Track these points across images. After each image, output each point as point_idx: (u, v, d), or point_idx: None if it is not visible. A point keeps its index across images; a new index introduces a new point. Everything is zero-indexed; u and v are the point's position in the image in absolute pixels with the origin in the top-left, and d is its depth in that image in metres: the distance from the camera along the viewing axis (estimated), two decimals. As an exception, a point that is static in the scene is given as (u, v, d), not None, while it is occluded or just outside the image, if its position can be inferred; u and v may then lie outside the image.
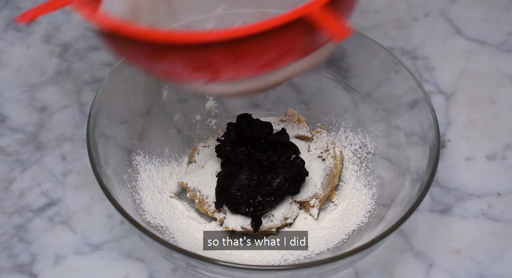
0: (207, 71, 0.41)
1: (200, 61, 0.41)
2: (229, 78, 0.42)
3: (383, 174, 0.67)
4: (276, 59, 0.41)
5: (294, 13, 0.38)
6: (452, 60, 0.82)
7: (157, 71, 0.44)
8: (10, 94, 0.78)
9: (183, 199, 0.68)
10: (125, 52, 0.42)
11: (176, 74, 0.43)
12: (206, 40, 0.38)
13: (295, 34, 0.40)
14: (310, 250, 0.63)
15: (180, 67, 0.42)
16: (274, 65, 0.42)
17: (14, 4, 0.87)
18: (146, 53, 0.41)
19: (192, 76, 0.43)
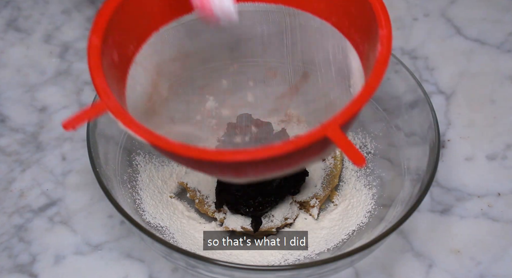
0: (234, 174, 0.48)
1: (229, 170, 0.47)
2: (251, 177, 0.49)
3: (383, 174, 0.67)
4: (295, 163, 0.48)
5: (316, 134, 0.44)
6: (452, 60, 0.82)
7: (188, 167, 0.51)
8: (10, 94, 0.78)
9: (183, 199, 0.68)
10: (162, 152, 0.48)
11: (207, 172, 0.50)
12: (237, 159, 0.44)
13: (314, 149, 0.46)
14: (310, 250, 0.63)
15: (211, 171, 0.49)
16: (293, 167, 0.48)
17: (14, 4, 0.87)
18: (183, 161, 0.48)
19: (220, 176, 0.52)
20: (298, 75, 0.58)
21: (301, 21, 0.56)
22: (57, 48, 0.83)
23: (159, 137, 0.45)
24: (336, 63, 0.55)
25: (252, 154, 0.43)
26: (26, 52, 0.82)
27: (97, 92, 0.46)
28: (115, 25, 0.49)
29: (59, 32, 0.84)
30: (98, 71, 0.47)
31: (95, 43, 0.48)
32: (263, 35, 0.57)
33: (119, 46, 0.50)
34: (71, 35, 0.84)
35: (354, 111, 0.45)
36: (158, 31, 0.53)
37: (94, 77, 0.47)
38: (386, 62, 0.46)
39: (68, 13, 0.86)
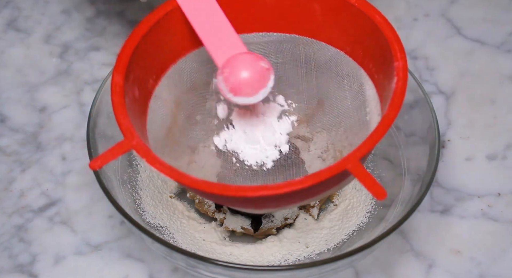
0: (255, 207, 0.51)
1: (251, 203, 0.49)
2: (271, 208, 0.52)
3: (383, 174, 0.67)
4: (314, 195, 0.49)
5: (337, 168, 0.45)
6: (452, 60, 0.82)
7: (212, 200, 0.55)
8: (10, 94, 0.78)
9: (183, 199, 0.68)
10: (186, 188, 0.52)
11: (229, 204, 0.53)
12: (258, 195, 0.45)
13: (334, 181, 0.47)
14: (310, 250, 0.63)
15: (233, 204, 0.52)
16: (311, 199, 0.50)
17: (14, 4, 0.87)
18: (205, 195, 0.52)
19: (242, 208, 0.54)
20: (313, 103, 0.58)
21: (315, 50, 0.56)
22: (57, 48, 0.83)
23: (183, 175, 0.46)
24: (352, 91, 0.55)
25: (274, 190, 0.44)
26: (26, 52, 0.82)
27: (121, 131, 0.47)
28: (136, 62, 0.50)
29: (59, 32, 0.84)
30: (122, 110, 0.48)
31: (118, 81, 0.49)
32: (277, 64, 0.57)
33: (139, 82, 0.51)
34: (71, 35, 0.84)
35: (372, 145, 0.46)
36: (176, 63, 0.54)
37: (118, 116, 0.48)
38: (402, 95, 0.46)
39: (68, 13, 0.86)
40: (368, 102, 0.53)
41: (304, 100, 0.59)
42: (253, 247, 0.63)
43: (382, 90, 0.51)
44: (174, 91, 0.55)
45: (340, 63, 0.55)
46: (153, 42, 0.52)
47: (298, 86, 0.58)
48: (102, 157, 0.46)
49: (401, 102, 0.46)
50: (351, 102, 0.55)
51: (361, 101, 0.54)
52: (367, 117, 0.53)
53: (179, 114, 0.56)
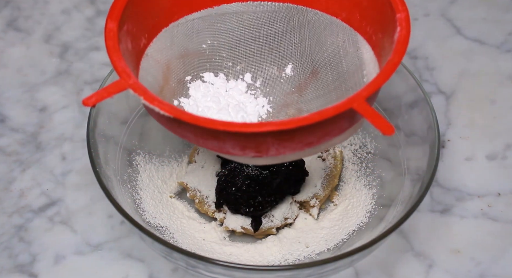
0: (255, 150, 0.48)
1: (251, 144, 0.47)
2: (273, 155, 0.49)
3: (383, 174, 0.67)
4: (319, 139, 0.48)
5: (342, 106, 0.45)
6: (452, 60, 0.82)
7: (208, 146, 0.50)
8: (10, 94, 0.78)
9: (183, 199, 0.68)
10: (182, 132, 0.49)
11: (226, 151, 0.49)
12: (263, 130, 0.44)
13: (339, 121, 0.47)
14: (310, 250, 0.63)
15: (232, 147, 0.48)
16: (315, 144, 0.48)
17: (14, 4, 0.87)
18: (205, 136, 0.48)
19: (240, 153, 0.49)
20: (307, 72, 0.58)
21: (309, 19, 0.56)
22: (57, 48, 0.83)
23: (183, 112, 0.45)
24: (347, 56, 0.55)
25: (278, 125, 0.44)
26: (26, 52, 0.82)
27: (116, 71, 0.47)
28: (129, 14, 0.50)
29: (59, 32, 0.84)
30: (116, 53, 0.48)
31: (112, 27, 0.49)
32: (270, 34, 0.57)
33: (132, 36, 0.51)
34: (71, 35, 0.84)
35: (378, 85, 0.47)
36: (168, 27, 0.54)
37: (112, 58, 0.48)
38: (406, 42, 0.48)
39: (68, 13, 0.86)
40: (366, 65, 0.53)
41: (297, 69, 0.59)
42: (253, 247, 0.63)
43: (380, 49, 0.52)
44: (166, 55, 0.55)
45: (335, 30, 0.56)
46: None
47: (291, 56, 0.58)
48: (97, 94, 0.46)
49: (405, 48, 0.48)
50: (346, 67, 0.55)
51: (357, 65, 0.54)
52: (364, 80, 0.53)
53: (171, 78, 0.56)
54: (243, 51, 0.58)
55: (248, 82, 0.58)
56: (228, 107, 0.54)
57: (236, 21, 0.56)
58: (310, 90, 0.58)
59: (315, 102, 0.57)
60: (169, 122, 0.48)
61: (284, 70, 0.58)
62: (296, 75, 0.58)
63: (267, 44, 0.58)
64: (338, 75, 0.56)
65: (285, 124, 0.44)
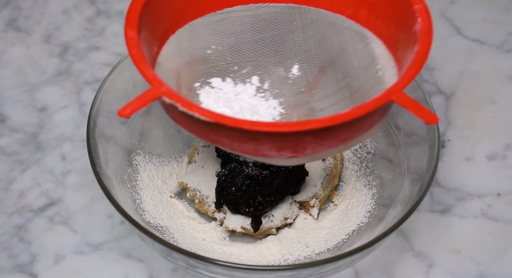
0: (293, 150, 0.47)
1: (290, 143, 0.47)
2: (308, 154, 0.48)
3: (383, 174, 0.67)
4: (353, 134, 0.48)
5: (382, 98, 0.45)
6: (452, 60, 0.82)
7: (243, 150, 0.49)
8: (10, 94, 0.78)
9: (183, 199, 0.68)
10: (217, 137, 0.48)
11: (262, 153, 0.48)
12: (306, 128, 0.44)
13: (375, 114, 0.47)
14: (310, 250, 0.63)
15: (269, 148, 0.48)
16: (349, 140, 0.48)
17: (14, 4, 0.87)
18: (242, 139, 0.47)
19: (276, 155, 0.48)
20: (315, 71, 0.58)
21: (312, 18, 0.56)
22: (57, 48, 0.83)
23: (223, 116, 0.45)
24: (356, 53, 0.55)
25: (322, 122, 0.44)
26: (26, 52, 0.82)
27: (146, 79, 0.46)
28: (144, 22, 0.50)
29: (59, 32, 0.84)
30: (143, 61, 0.47)
31: (132, 36, 0.48)
32: (274, 35, 0.57)
33: (147, 44, 0.51)
34: (71, 35, 0.84)
35: (413, 76, 0.47)
36: (175, 34, 0.54)
37: (140, 67, 0.47)
38: (431, 31, 0.49)
39: (68, 13, 0.86)
40: (378, 60, 0.53)
41: (304, 69, 0.58)
42: (253, 247, 0.63)
43: (394, 42, 0.52)
44: (175, 62, 0.55)
45: (340, 28, 0.55)
46: (156, 6, 0.52)
47: (296, 56, 0.58)
48: (132, 104, 0.45)
49: (431, 37, 0.48)
50: (357, 63, 0.55)
51: (368, 61, 0.54)
52: (379, 74, 0.53)
53: (182, 85, 0.56)
54: (248, 54, 0.57)
55: (256, 85, 0.58)
56: (243, 111, 0.54)
57: (239, 24, 0.56)
58: (321, 89, 0.57)
59: (327, 100, 0.57)
60: (204, 128, 0.47)
61: (291, 70, 0.58)
62: (303, 75, 0.58)
63: (271, 45, 0.57)
64: (348, 72, 0.56)
65: (328, 121, 0.44)
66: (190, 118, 0.46)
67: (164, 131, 0.70)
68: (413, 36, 0.49)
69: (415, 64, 0.48)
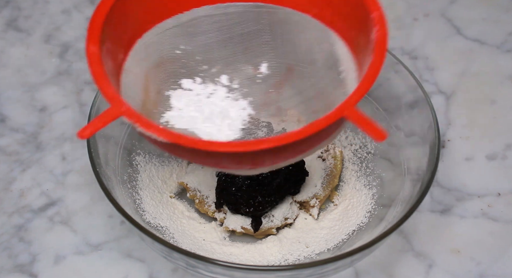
0: (251, 164, 0.49)
1: (248, 159, 0.48)
2: (267, 165, 0.50)
3: (383, 174, 0.67)
4: (309, 146, 0.49)
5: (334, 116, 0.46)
6: (452, 60, 0.82)
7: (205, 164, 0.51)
8: (10, 94, 0.78)
9: (183, 199, 0.68)
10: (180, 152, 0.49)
11: (222, 166, 0.50)
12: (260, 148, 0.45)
13: (329, 129, 0.47)
14: (310, 250, 0.63)
15: (228, 163, 0.49)
16: (306, 151, 0.49)
17: (14, 4, 0.87)
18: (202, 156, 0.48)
19: (236, 167, 0.50)
20: (283, 70, 0.58)
21: (280, 17, 0.56)
22: (57, 48, 0.83)
23: (180, 136, 0.45)
24: (322, 53, 0.55)
25: (275, 141, 0.45)
26: (26, 52, 0.82)
27: (107, 99, 0.46)
28: (107, 33, 0.50)
29: (59, 32, 0.84)
30: (103, 78, 0.47)
31: (94, 51, 0.48)
32: (242, 34, 0.57)
33: (111, 54, 0.51)
34: (71, 35, 0.84)
35: (363, 92, 0.46)
36: (141, 38, 0.54)
37: (100, 85, 0.47)
38: (385, 42, 0.47)
39: (68, 13, 0.86)
40: (341, 62, 0.53)
41: (272, 68, 0.58)
42: (253, 247, 0.63)
43: (356, 46, 0.52)
44: (142, 66, 0.55)
45: (307, 27, 0.55)
46: (120, 13, 0.51)
47: (264, 55, 0.58)
48: (92, 125, 0.45)
49: (385, 48, 0.47)
50: (321, 63, 0.55)
51: (332, 62, 0.54)
52: (340, 76, 0.53)
53: (150, 89, 0.56)
54: (217, 53, 0.57)
55: (226, 84, 0.58)
56: (212, 116, 0.54)
57: (207, 24, 0.56)
58: (288, 88, 0.58)
59: (294, 99, 0.57)
60: (166, 146, 0.48)
61: (259, 69, 0.58)
62: (272, 74, 0.58)
63: (240, 44, 0.57)
64: (313, 72, 0.56)
65: (281, 140, 0.45)
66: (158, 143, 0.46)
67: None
68: (371, 44, 0.48)
69: (367, 78, 0.47)
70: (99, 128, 0.45)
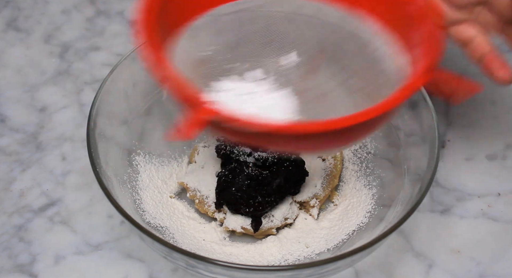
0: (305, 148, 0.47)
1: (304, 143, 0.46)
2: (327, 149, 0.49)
3: (383, 174, 0.67)
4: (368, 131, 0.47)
5: (419, 81, 0.44)
6: (452, 60, 0.82)
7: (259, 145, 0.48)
8: (10, 94, 0.78)
9: (183, 199, 0.68)
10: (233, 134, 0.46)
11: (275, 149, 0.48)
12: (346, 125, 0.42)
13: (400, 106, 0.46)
14: (310, 250, 0.63)
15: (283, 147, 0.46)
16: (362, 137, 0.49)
17: (14, 4, 0.87)
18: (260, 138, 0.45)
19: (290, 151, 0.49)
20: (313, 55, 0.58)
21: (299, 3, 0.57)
22: (57, 48, 0.83)
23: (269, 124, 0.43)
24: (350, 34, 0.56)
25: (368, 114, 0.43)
26: (26, 52, 0.82)
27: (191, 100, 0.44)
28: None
29: (59, 32, 0.84)
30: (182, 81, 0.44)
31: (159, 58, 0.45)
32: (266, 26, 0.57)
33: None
34: (71, 35, 0.84)
35: (439, 51, 0.47)
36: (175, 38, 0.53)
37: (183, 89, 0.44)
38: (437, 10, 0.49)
39: (68, 13, 0.86)
40: (374, 38, 0.54)
41: (302, 54, 0.58)
42: (253, 247, 0.63)
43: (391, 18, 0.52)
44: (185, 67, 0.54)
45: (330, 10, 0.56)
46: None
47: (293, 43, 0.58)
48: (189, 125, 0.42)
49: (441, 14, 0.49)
50: (353, 44, 0.56)
51: (363, 41, 0.55)
52: (376, 53, 0.53)
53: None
54: (243, 49, 0.57)
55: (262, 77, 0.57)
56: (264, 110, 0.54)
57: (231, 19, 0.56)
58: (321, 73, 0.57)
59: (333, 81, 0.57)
60: (250, 136, 0.45)
61: (290, 57, 0.58)
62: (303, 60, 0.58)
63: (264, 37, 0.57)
64: (345, 53, 0.56)
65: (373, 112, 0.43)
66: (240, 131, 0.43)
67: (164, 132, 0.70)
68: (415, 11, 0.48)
69: (434, 38, 0.47)
70: (194, 128, 0.42)
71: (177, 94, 0.44)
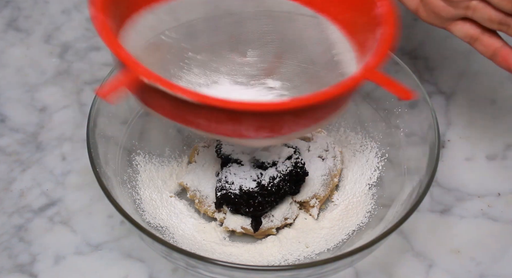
0: (270, 130, 0.47)
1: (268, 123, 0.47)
2: (283, 134, 0.48)
3: (383, 174, 0.67)
4: (326, 114, 0.49)
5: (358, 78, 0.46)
6: (452, 60, 0.82)
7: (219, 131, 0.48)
8: (10, 94, 0.78)
9: (183, 199, 0.68)
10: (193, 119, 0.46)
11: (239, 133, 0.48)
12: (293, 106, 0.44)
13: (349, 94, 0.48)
14: (310, 250, 0.63)
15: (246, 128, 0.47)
16: (321, 119, 0.49)
17: (14, 4, 0.87)
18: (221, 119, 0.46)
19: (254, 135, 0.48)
20: (271, 57, 0.58)
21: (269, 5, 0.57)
22: (57, 48, 0.83)
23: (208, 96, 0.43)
24: (312, 39, 0.56)
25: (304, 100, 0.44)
26: (26, 52, 0.82)
27: (123, 61, 0.45)
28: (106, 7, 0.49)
29: (59, 32, 0.84)
30: (113, 40, 0.46)
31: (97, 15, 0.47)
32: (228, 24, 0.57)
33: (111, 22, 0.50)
34: (71, 35, 0.84)
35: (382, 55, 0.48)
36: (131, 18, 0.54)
37: (113, 47, 0.45)
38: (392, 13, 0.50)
39: (68, 13, 0.86)
40: (334, 45, 0.54)
41: (261, 55, 0.58)
42: (253, 247, 0.63)
43: (352, 27, 0.53)
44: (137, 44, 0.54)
45: (296, 15, 0.56)
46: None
47: (252, 42, 0.58)
48: (110, 85, 0.43)
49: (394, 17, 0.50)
50: (312, 49, 0.56)
51: (325, 46, 0.55)
52: (335, 59, 0.54)
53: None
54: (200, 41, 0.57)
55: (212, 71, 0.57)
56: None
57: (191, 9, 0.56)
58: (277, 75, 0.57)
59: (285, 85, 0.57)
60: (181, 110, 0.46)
61: (247, 56, 0.58)
62: (260, 61, 0.58)
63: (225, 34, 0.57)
64: (304, 57, 0.56)
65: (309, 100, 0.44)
66: (165, 99, 0.44)
67: (164, 132, 0.70)
68: (374, 19, 0.50)
69: (383, 43, 0.48)
70: (117, 88, 0.43)
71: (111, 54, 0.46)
